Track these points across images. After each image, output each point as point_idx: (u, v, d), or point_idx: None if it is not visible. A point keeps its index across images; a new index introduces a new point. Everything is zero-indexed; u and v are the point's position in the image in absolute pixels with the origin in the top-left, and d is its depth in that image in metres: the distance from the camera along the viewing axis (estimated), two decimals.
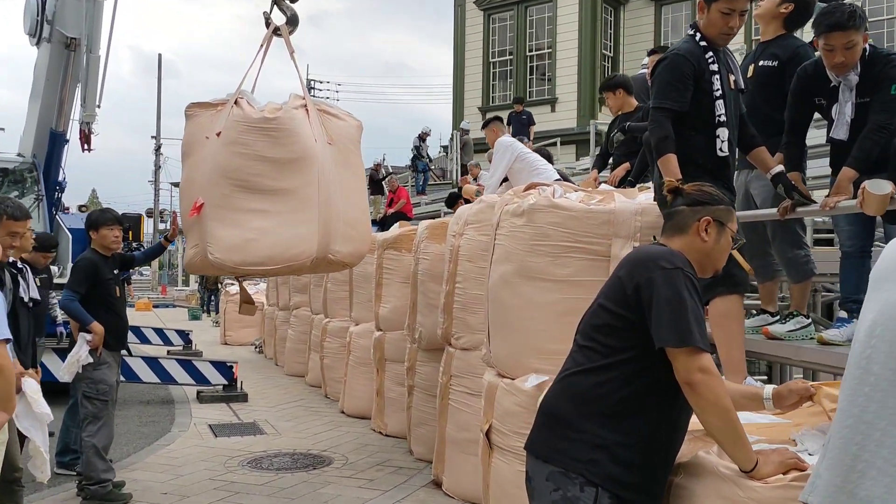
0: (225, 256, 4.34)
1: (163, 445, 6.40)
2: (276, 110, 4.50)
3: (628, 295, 2.05)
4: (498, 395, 4.01)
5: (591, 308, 2.22)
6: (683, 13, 18.59)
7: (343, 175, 4.65)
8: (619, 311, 2.07)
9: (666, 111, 3.24)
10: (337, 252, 4.54)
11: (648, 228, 3.72)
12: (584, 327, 2.20)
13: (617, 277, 2.14)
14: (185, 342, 12.50)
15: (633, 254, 2.21)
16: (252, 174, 4.40)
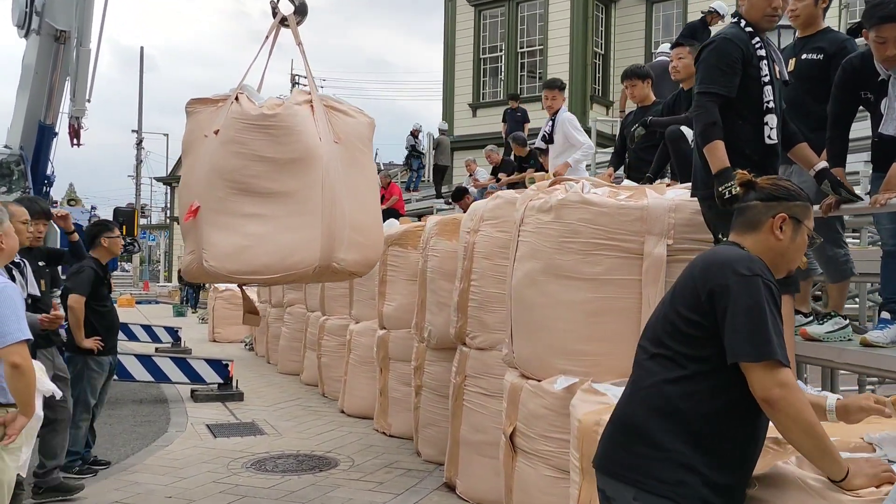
0: (219, 264, 4.04)
1: (161, 446, 6.22)
2: (276, 106, 4.21)
3: (702, 301, 1.93)
4: (523, 397, 3.89)
5: (659, 311, 2.10)
6: (675, 11, 18.57)
7: (351, 176, 4.33)
8: (693, 318, 1.94)
9: (713, 96, 3.13)
10: (342, 260, 4.21)
11: (682, 226, 3.62)
12: (653, 333, 2.06)
13: (689, 280, 2.01)
14: (174, 339, 12.27)
15: (709, 256, 2.06)
16: (249, 175, 4.10)
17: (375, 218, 4.61)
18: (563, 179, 4.08)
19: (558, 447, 3.63)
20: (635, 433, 1.96)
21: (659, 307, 2.12)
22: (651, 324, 2.11)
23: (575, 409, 3.30)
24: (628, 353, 3.59)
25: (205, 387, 8.32)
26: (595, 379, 3.50)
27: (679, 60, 4.82)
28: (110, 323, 5.50)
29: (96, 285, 5.34)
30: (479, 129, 19.02)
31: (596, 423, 3.06)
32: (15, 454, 2.84)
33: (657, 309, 2.13)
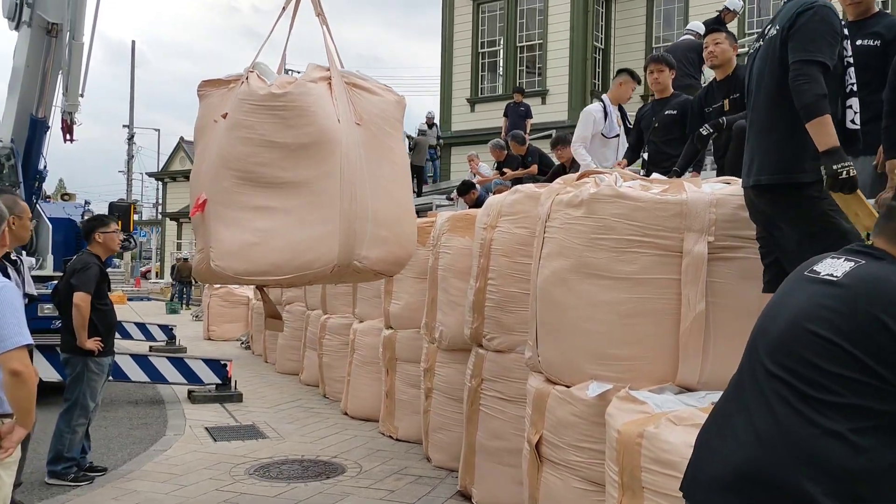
0: (225, 264, 3.65)
1: (160, 451, 5.97)
2: (287, 84, 3.75)
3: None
4: (550, 404, 3.65)
5: (799, 331, 1.67)
6: (676, 5, 18.37)
7: (375, 163, 3.87)
8: (878, 370, 1.56)
9: (820, 66, 2.78)
10: (364, 258, 3.79)
11: (724, 222, 3.39)
12: (804, 369, 1.64)
13: (868, 320, 1.59)
14: (169, 337, 12.01)
15: (894, 287, 1.62)
16: (257, 163, 3.69)
17: (404, 210, 4.14)
18: (593, 172, 3.84)
19: (590, 458, 3.40)
20: (784, 491, 1.58)
21: (793, 324, 1.70)
22: (789, 349, 1.68)
23: (612, 418, 3.07)
24: (665, 358, 3.42)
25: (202, 387, 8.06)
26: (631, 385, 3.27)
27: (716, 46, 4.57)
28: (110, 322, 5.26)
29: (99, 282, 5.09)
30: (478, 125, 18.80)
31: (639, 435, 2.84)
32: (11, 468, 2.61)
33: (790, 329, 1.70)
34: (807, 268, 1.82)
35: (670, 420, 2.80)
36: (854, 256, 1.73)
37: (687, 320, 3.32)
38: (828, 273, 1.72)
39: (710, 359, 3.34)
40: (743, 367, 1.82)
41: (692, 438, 2.68)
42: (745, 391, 1.74)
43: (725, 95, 4.24)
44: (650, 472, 2.78)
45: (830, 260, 1.77)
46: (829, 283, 1.70)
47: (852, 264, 1.70)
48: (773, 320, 1.78)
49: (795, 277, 1.85)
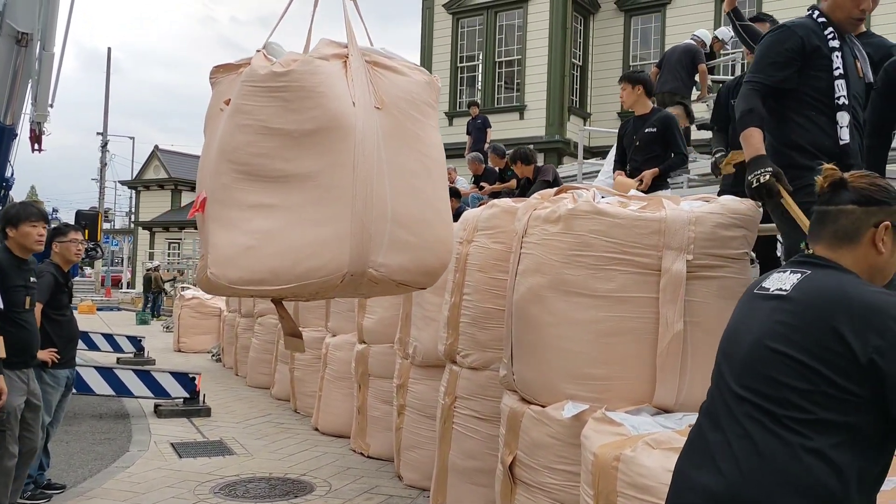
0: (220, 272, 3.16)
1: (122, 468, 5.77)
2: (291, 62, 3.23)
3: (861, 364, 1.52)
4: (524, 424, 3.57)
5: (761, 350, 1.64)
6: (653, 24, 18.57)
7: (398, 153, 3.33)
8: (839, 382, 1.53)
9: (757, 85, 3.01)
10: (381, 266, 3.26)
11: (703, 240, 3.34)
12: (754, 379, 1.63)
13: (826, 331, 1.56)
14: (137, 349, 11.75)
15: (844, 295, 1.60)
16: (255, 154, 3.19)
17: (435, 210, 3.49)
18: (571, 187, 3.78)
19: (565, 480, 3.31)
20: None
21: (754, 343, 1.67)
22: (744, 360, 1.67)
23: (588, 440, 2.99)
24: (642, 378, 3.35)
25: (169, 401, 7.86)
26: (607, 406, 3.20)
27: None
28: (69, 334, 5.06)
29: (55, 292, 4.91)
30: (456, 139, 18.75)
31: (615, 459, 2.77)
32: None
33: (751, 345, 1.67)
34: (756, 285, 1.82)
35: (647, 444, 2.73)
36: (799, 268, 1.74)
37: (665, 340, 3.26)
38: (777, 288, 1.72)
39: (688, 380, 3.28)
40: (712, 394, 1.77)
41: (669, 463, 2.61)
42: (718, 418, 1.69)
43: None
44: (626, 496, 2.71)
45: (778, 274, 1.77)
46: (779, 297, 1.69)
47: (799, 276, 1.70)
48: (735, 343, 1.74)
49: (747, 297, 1.83)
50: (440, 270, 3.62)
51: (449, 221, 3.65)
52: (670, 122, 5.24)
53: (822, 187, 1.75)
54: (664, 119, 5.26)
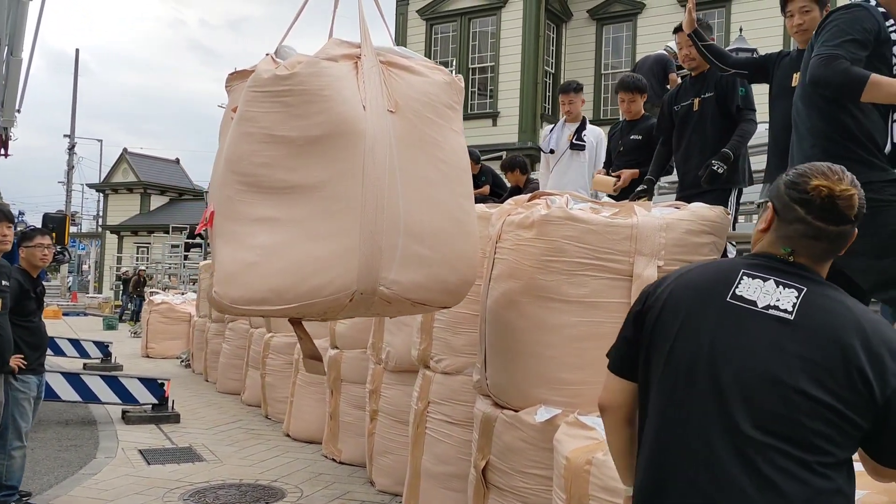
0: (223, 290, 2.98)
1: (89, 475, 5.68)
2: (295, 64, 3.03)
3: (878, 405, 1.47)
4: (497, 429, 3.58)
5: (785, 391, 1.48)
6: (624, 33, 18.78)
7: (414, 161, 3.10)
8: (859, 422, 1.48)
9: (840, 59, 2.67)
10: (393, 283, 3.03)
11: (673, 246, 3.39)
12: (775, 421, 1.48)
13: (855, 369, 1.47)
14: (105, 355, 11.57)
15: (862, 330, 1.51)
16: (259, 164, 3.00)
17: (455, 222, 3.25)
18: (545, 193, 3.81)
19: (537, 484, 3.33)
20: None
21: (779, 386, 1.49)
22: (777, 414, 1.48)
23: (560, 444, 3.02)
24: None
25: (137, 407, 7.75)
26: (579, 410, 3.22)
27: (690, 48, 4.38)
28: (38, 341, 4.96)
29: (20, 299, 4.82)
30: None
31: (587, 462, 2.80)
32: None
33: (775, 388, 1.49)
34: (724, 291, 1.59)
35: None
36: (787, 279, 1.57)
37: None
38: (768, 304, 1.55)
39: None
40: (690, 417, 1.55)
41: None
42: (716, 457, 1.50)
43: (696, 94, 4.21)
44: (598, 500, 2.73)
45: (755, 282, 1.58)
46: (782, 321, 1.53)
47: (794, 293, 1.55)
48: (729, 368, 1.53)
49: (720, 306, 1.59)
50: (462, 288, 3.35)
51: (472, 234, 3.41)
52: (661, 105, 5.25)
53: (821, 197, 1.57)
54: (650, 128, 5.30)
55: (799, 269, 1.60)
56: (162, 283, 22.40)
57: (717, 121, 4.11)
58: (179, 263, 22.75)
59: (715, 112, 4.12)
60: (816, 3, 3.59)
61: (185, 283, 20.38)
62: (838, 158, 2.65)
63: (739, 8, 16.55)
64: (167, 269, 24.06)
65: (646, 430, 1.67)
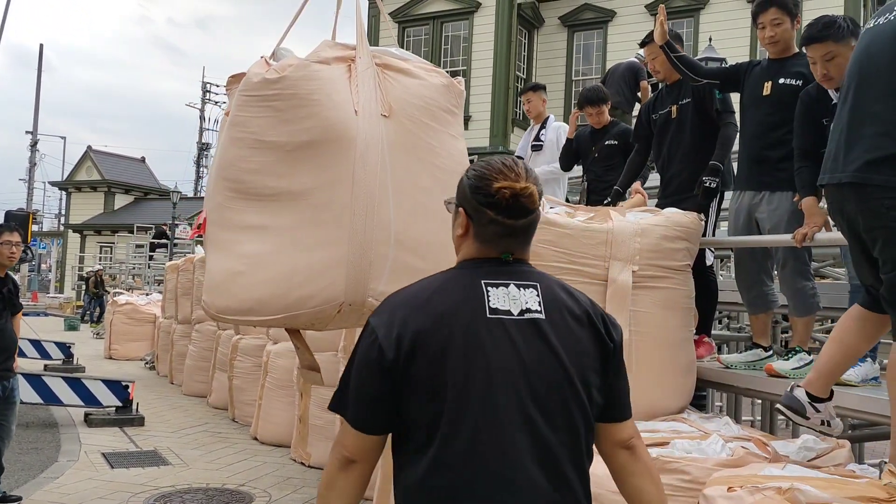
0: (210, 300, 2.95)
1: (50, 478, 5.55)
2: (285, 67, 2.95)
3: (611, 360, 1.66)
4: None
5: (567, 384, 1.58)
6: (595, 41, 18.96)
7: (407, 167, 3.00)
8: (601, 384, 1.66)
9: None
10: (383, 295, 2.84)
11: (648, 251, 3.42)
12: (567, 421, 1.59)
13: (591, 335, 1.64)
14: (66, 356, 11.33)
15: (592, 307, 1.69)
16: (247, 170, 2.93)
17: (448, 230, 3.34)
18: None
19: None
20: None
21: (565, 383, 1.58)
22: (559, 407, 1.57)
23: None
24: None
25: (101, 410, 7.60)
26: None
27: (654, 60, 4.43)
28: (4, 343, 4.78)
29: None
30: None
31: None
32: None
33: (561, 385, 1.57)
34: (480, 307, 1.58)
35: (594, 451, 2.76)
36: (522, 280, 1.63)
37: None
38: (522, 309, 1.59)
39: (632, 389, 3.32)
40: (499, 440, 1.54)
41: None
42: (524, 467, 1.53)
43: (674, 102, 4.26)
44: None
45: (501, 290, 1.61)
46: (539, 322, 1.58)
47: (535, 292, 1.61)
48: (512, 379, 1.55)
49: (483, 323, 1.57)
50: None
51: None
52: (630, 136, 5.32)
53: (506, 198, 1.61)
54: (624, 132, 5.34)
55: (522, 266, 1.67)
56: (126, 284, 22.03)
57: (695, 126, 4.15)
58: (144, 264, 22.39)
59: (693, 118, 4.17)
60: (788, 15, 3.66)
61: (150, 284, 20.05)
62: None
63: (708, 18, 16.82)
64: (131, 269, 23.68)
65: (435, 468, 1.54)
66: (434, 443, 1.53)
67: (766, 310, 3.76)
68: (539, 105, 6.21)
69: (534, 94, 6.23)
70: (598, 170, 5.29)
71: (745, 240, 3.67)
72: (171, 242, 21.11)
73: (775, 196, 3.55)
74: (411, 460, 1.56)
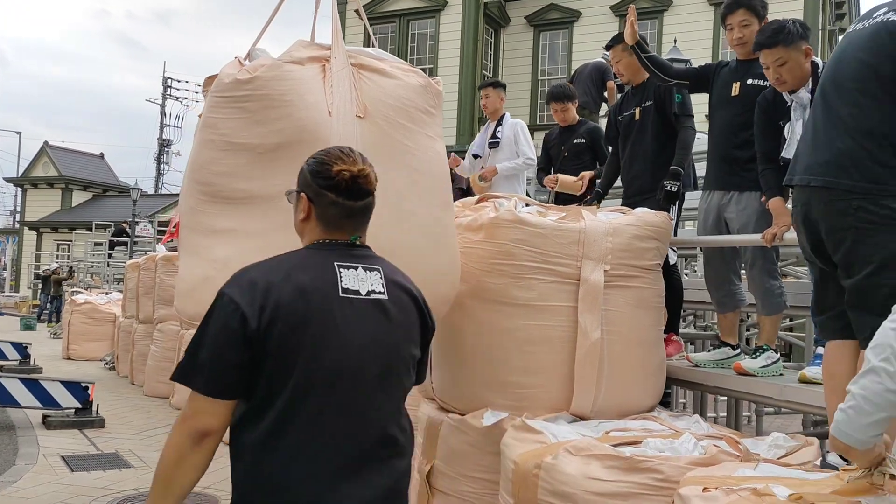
0: (181, 305, 2.94)
1: (8, 482, 5.39)
2: (257, 67, 2.89)
3: (428, 335, 1.99)
4: (443, 433, 3.55)
5: (406, 363, 1.89)
6: (560, 41, 19.08)
7: (383, 170, 2.74)
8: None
9: None
10: None
11: (620, 251, 3.43)
12: (390, 392, 1.85)
13: (420, 315, 1.96)
14: (23, 356, 11.03)
15: (416, 288, 2.00)
16: (219, 173, 2.88)
17: (430, 234, 3.08)
18: (493, 196, 3.80)
19: (483, 488, 3.32)
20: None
21: (406, 359, 1.89)
22: (394, 383, 1.85)
23: (508, 448, 3.00)
24: (560, 386, 3.38)
25: (59, 412, 7.41)
26: (527, 414, 3.22)
27: (618, 64, 4.48)
28: None
29: None
30: None
31: (536, 466, 2.79)
32: None
33: (394, 362, 1.85)
34: (334, 287, 1.76)
35: (568, 451, 2.76)
36: (368, 263, 1.84)
37: (583, 348, 3.32)
38: (369, 290, 1.80)
39: (604, 388, 3.35)
40: (355, 416, 1.75)
41: (590, 469, 2.67)
42: (361, 414, 1.76)
43: (638, 104, 4.30)
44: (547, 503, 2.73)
45: (352, 272, 1.79)
46: (383, 302, 1.81)
47: (379, 275, 1.84)
48: (367, 354, 1.76)
49: (337, 301, 1.75)
50: (437, 306, 3.04)
51: (450, 246, 3.22)
52: (598, 134, 5.35)
53: (346, 180, 1.81)
54: (592, 131, 5.38)
55: (367, 250, 1.88)
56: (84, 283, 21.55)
57: (657, 129, 4.20)
58: (103, 262, 21.93)
59: (655, 120, 4.21)
60: (756, 16, 3.71)
61: (109, 283, 19.64)
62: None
63: (672, 20, 17.02)
64: (90, 267, 23.18)
65: (282, 428, 1.69)
66: (283, 406, 1.68)
67: (735, 308, 3.80)
68: (497, 102, 6.20)
69: (493, 91, 6.22)
70: (568, 168, 5.31)
71: (715, 239, 3.71)
72: (132, 240, 20.72)
73: (744, 196, 3.59)
74: (255, 421, 1.69)
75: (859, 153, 2.42)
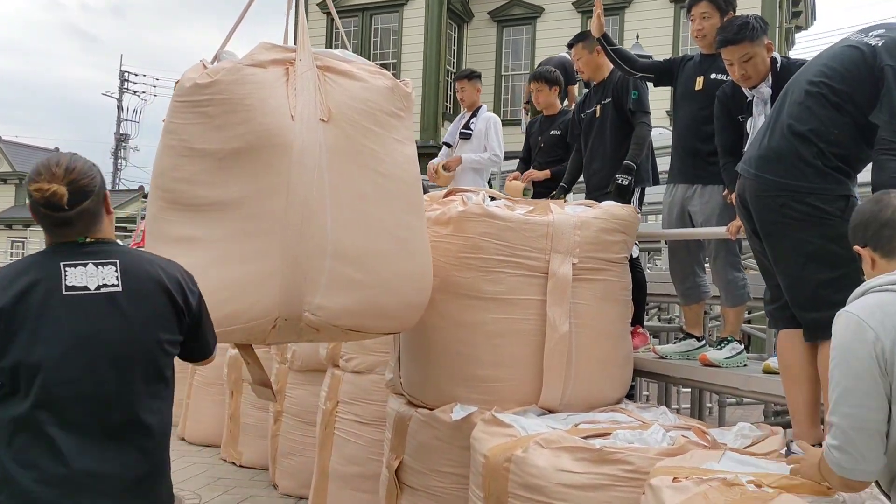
0: None
1: None
2: (218, 70, 2.81)
3: (193, 317, 2.06)
4: (412, 428, 3.54)
5: (143, 347, 1.95)
6: (523, 36, 19.15)
7: (347, 174, 2.86)
8: (181, 338, 2.04)
9: None
10: (319, 309, 2.78)
11: (587, 244, 3.45)
12: (147, 375, 1.94)
13: (169, 299, 2.01)
14: None
15: (164, 265, 2.07)
16: (179, 179, 2.80)
17: (396, 239, 2.98)
18: (460, 190, 3.79)
19: (453, 483, 3.31)
20: None
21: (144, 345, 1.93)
22: (144, 370, 1.92)
23: (478, 442, 3.00)
24: (529, 379, 3.39)
25: None
26: (496, 408, 3.22)
27: (578, 61, 4.54)
28: None
29: None
30: None
31: (506, 460, 2.80)
32: None
33: (140, 352, 1.91)
34: (57, 287, 1.82)
35: (538, 444, 2.77)
36: (100, 258, 1.88)
37: (551, 342, 3.33)
38: (99, 284, 1.85)
39: (573, 381, 3.37)
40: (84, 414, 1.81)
41: (560, 463, 2.67)
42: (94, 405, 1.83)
43: (598, 101, 4.32)
44: (517, 497, 2.74)
45: (80, 270, 1.85)
46: (116, 294, 1.86)
47: (113, 268, 1.88)
48: (98, 346, 1.83)
49: (59, 300, 1.82)
50: (406, 311, 3.06)
51: (420, 251, 3.11)
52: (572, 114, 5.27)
53: (39, 199, 1.86)
54: (570, 124, 5.35)
55: (103, 245, 1.91)
56: None
57: (616, 125, 4.24)
58: None
59: (614, 117, 4.25)
60: (717, 10, 3.76)
61: None
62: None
63: (633, 16, 17.18)
64: None
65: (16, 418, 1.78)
66: (8, 401, 1.77)
67: (699, 300, 3.85)
68: (473, 94, 6.18)
69: (468, 83, 6.20)
70: (544, 161, 5.27)
71: (680, 232, 3.76)
72: None
73: (707, 189, 3.64)
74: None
75: (789, 151, 2.53)
